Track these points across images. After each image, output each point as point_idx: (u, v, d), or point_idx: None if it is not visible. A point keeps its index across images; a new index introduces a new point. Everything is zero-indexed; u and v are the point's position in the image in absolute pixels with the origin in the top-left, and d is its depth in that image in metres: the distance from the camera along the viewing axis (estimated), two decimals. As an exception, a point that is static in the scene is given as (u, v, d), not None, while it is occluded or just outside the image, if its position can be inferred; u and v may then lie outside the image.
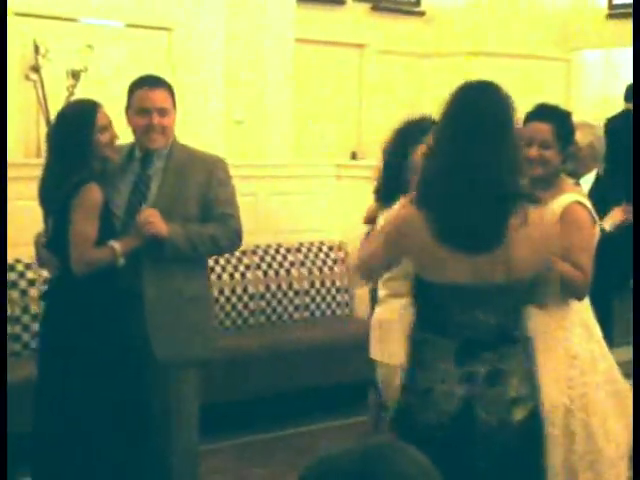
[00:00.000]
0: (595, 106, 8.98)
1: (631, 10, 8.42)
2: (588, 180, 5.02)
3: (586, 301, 3.33)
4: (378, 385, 3.60)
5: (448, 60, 8.04)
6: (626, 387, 3.36)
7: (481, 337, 2.58)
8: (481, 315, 2.56)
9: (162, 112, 3.61)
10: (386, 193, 3.60)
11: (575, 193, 3.34)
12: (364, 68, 8.28)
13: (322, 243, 6.03)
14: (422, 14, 8.43)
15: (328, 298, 5.91)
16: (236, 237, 3.75)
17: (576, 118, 3.62)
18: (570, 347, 3.28)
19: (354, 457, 1.19)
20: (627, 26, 8.51)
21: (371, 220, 3.85)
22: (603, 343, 3.37)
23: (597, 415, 3.26)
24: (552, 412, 3.18)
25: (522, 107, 3.43)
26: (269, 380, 5.20)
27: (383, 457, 1.18)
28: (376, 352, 3.55)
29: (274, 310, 5.72)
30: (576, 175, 4.43)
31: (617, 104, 8.85)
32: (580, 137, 4.46)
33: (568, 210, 3.24)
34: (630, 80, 8.71)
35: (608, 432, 3.27)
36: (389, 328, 3.44)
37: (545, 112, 3.41)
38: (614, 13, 8.65)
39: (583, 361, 3.29)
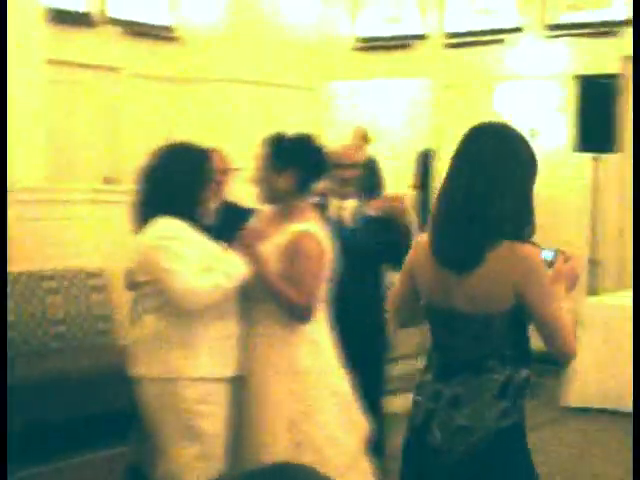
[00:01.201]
0: (342, 135, 9.31)
1: (378, 44, 8.87)
2: None
3: (320, 321, 3.49)
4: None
5: (203, 86, 8.07)
6: (352, 400, 3.49)
7: (457, 361, 2.61)
8: (461, 340, 2.59)
9: None
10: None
11: (307, 222, 3.46)
12: (119, 92, 8.14)
13: (81, 270, 5.82)
14: (176, 39, 8.42)
15: (85, 326, 5.71)
16: None
17: (328, 147, 3.74)
18: (295, 363, 3.40)
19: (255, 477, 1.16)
20: (374, 58, 8.95)
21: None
22: (334, 359, 3.50)
23: (323, 427, 3.37)
24: (273, 426, 3.32)
25: (268, 133, 3.55)
26: (26, 412, 4.92)
27: (282, 476, 1.17)
28: (134, 369, 3.50)
29: (26, 340, 5.45)
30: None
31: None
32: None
33: (295, 239, 3.40)
34: (379, 109, 9.17)
35: (335, 443, 3.39)
36: (144, 343, 3.42)
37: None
38: (361, 46, 9.04)
39: (308, 376, 3.40)
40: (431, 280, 2.61)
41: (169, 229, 3.30)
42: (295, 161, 3.48)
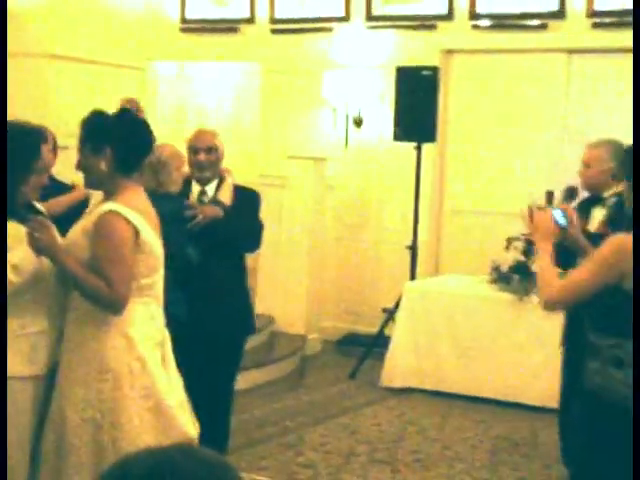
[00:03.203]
0: (168, 117, 9.21)
1: (206, 26, 8.80)
2: None
3: (129, 311, 3.21)
4: None
5: (24, 61, 7.76)
6: (168, 404, 3.27)
7: None
8: None
9: None
10: None
11: (116, 201, 3.21)
12: None
13: None
14: None
15: None
16: None
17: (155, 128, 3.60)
18: (103, 360, 3.18)
19: (145, 460, 1.14)
20: (201, 40, 8.88)
21: None
22: (147, 359, 3.23)
23: (128, 431, 3.15)
24: (81, 426, 3.15)
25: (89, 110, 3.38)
26: None
27: (172, 459, 1.17)
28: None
29: None
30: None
31: (188, 117, 9.18)
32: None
33: (97, 220, 3.18)
34: (206, 92, 9.10)
35: (139, 448, 3.27)
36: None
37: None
38: (188, 27, 8.95)
39: (117, 375, 3.17)
40: None
41: None
42: (111, 140, 3.23)
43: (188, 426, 3.33)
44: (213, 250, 4.44)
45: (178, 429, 3.27)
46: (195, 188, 4.62)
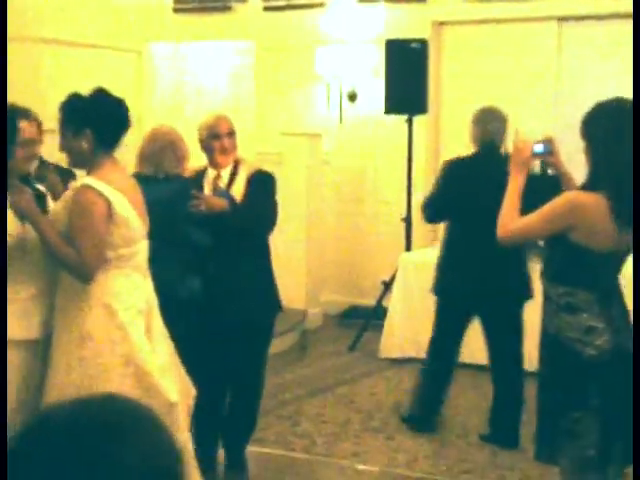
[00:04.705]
0: (166, 98, 9.28)
1: (199, 5, 8.85)
2: None
3: (110, 281, 3.37)
4: None
5: (21, 46, 7.82)
6: (149, 370, 3.39)
7: None
8: None
9: None
10: None
11: (92, 176, 3.39)
12: None
13: None
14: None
15: None
16: None
17: (150, 109, 3.73)
18: (83, 328, 3.33)
19: (65, 411, 1.17)
20: (195, 20, 8.93)
21: None
22: (127, 327, 3.36)
23: None
24: (62, 392, 3.25)
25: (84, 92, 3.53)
26: None
27: (93, 409, 1.19)
28: None
29: None
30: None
31: (186, 97, 9.25)
32: None
33: (74, 194, 3.37)
34: (202, 72, 9.17)
35: None
36: None
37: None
38: (181, 8, 8.99)
39: (98, 343, 3.33)
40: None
41: None
42: (89, 120, 3.42)
43: (170, 392, 3.46)
44: (223, 234, 4.40)
45: (159, 395, 3.40)
46: (211, 172, 4.58)
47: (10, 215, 3.34)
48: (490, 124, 5.20)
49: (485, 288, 5.10)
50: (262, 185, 4.53)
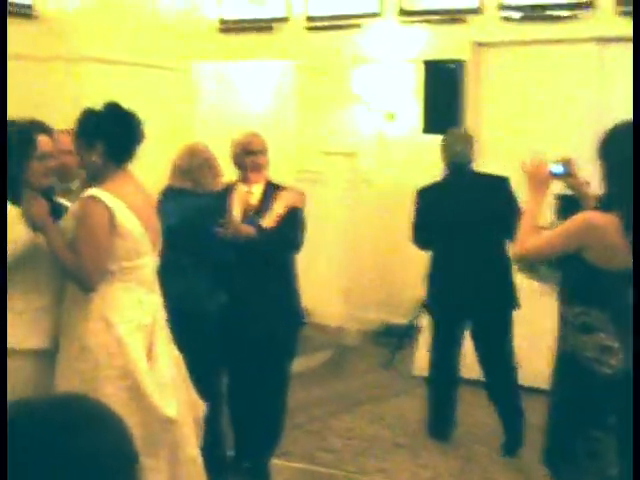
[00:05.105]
0: (210, 116, 9.41)
1: (243, 26, 8.99)
2: None
3: (111, 294, 3.41)
4: None
5: (65, 65, 8.02)
6: (145, 385, 3.39)
7: None
8: None
9: None
10: None
11: (96, 188, 3.41)
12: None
13: None
14: (37, 17, 8.33)
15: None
16: None
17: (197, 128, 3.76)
18: (83, 340, 3.35)
19: (13, 407, 1.24)
20: (238, 40, 9.07)
21: None
22: (125, 341, 3.38)
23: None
24: None
25: (142, 115, 3.57)
26: None
27: (32, 406, 1.26)
28: None
29: None
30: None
31: (229, 115, 9.37)
32: None
33: (79, 205, 3.42)
34: (244, 91, 9.30)
35: None
36: None
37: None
38: (226, 28, 9.14)
39: (96, 355, 3.34)
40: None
41: None
42: (100, 134, 3.44)
43: (167, 407, 3.43)
44: (249, 254, 4.48)
45: (154, 409, 3.40)
46: (242, 188, 4.67)
47: (23, 224, 3.36)
48: (457, 146, 5.40)
49: (471, 296, 5.29)
50: (293, 216, 4.60)
